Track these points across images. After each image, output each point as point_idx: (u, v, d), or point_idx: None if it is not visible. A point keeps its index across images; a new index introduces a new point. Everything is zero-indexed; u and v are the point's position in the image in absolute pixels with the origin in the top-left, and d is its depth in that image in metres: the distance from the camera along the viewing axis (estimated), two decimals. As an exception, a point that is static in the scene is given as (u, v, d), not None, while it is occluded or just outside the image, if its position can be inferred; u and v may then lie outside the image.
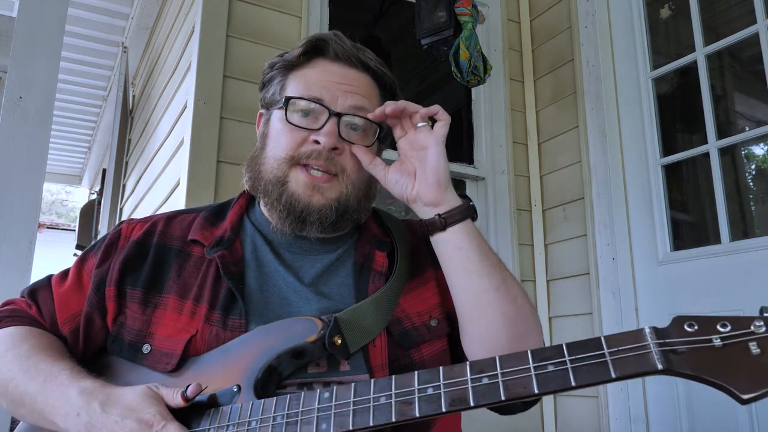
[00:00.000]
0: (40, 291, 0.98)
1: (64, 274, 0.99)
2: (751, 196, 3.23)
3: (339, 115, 0.92)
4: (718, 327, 0.63)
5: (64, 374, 0.82)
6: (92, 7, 3.40)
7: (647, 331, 0.65)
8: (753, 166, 3.36)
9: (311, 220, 0.91)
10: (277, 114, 0.97)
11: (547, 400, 2.42)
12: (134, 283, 0.92)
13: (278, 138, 0.95)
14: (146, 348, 0.87)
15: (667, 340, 0.64)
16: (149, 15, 3.28)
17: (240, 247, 0.97)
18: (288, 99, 0.94)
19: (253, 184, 0.97)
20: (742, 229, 2.96)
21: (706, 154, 2.14)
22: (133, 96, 3.88)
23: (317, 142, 0.91)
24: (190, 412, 0.79)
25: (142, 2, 3.21)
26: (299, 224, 0.92)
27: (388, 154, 1.08)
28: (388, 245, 1.00)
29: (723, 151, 2.15)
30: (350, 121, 0.94)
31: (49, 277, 1.00)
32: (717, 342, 0.62)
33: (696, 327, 0.64)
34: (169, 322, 0.88)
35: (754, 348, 0.61)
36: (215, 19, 2.03)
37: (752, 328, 0.62)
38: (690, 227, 2.69)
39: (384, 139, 1.01)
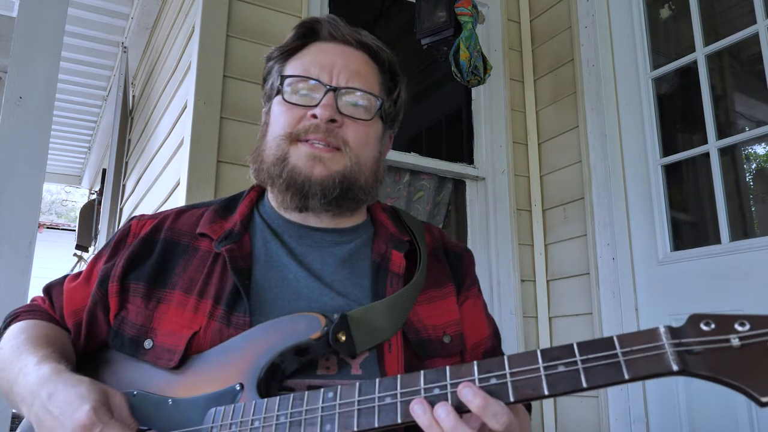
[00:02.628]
0: (54, 287, 1.01)
1: (79, 272, 1.01)
2: (751, 196, 3.23)
3: (335, 90, 0.92)
4: (736, 326, 0.60)
5: (32, 361, 0.81)
6: (92, 7, 3.40)
7: (662, 330, 0.62)
8: (753, 166, 3.36)
9: (313, 191, 0.90)
10: (276, 99, 0.97)
11: (548, 400, 2.42)
12: (138, 278, 0.91)
13: (277, 119, 0.95)
14: (148, 343, 0.86)
15: (682, 340, 0.61)
16: (149, 15, 3.27)
17: (249, 241, 0.95)
18: (283, 78, 0.95)
19: (258, 173, 0.97)
20: (742, 229, 2.95)
21: (706, 154, 2.14)
22: (133, 96, 3.87)
23: (315, 116, 0.90)
24: (191, 410, 0.79)
25: (142, 2, 3.21)
26: (301, 198, 0.91)
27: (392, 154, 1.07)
28: (405, 245, 0.98)
29: (723, 151, 2.15)
30: (349, 99, 0.93)
31: (66, 275, 1.03)
32: (735, 342, 0.59)
33: (713, 326, 0.61)
34: (172, 317, 0.87)
35: None
36: (215, 19, 2.03)
37: None
38: (690, 227, 2.69)
39: (387, 118, 1.00)
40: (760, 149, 3.40)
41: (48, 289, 1.01)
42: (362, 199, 0.96)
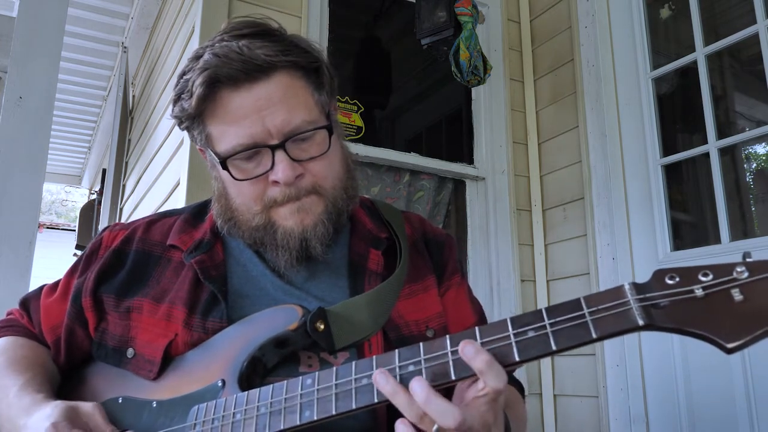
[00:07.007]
0: (31, 301, 1.00)
1: (55, 284, 1.00)
2: (751, 196, 3.23)
3: (282, 145, 0.84)
4: (700, 276, 0.61)
5: (13, 390, 0.83)
6: (92, 7, 3.40)
7: (627, 287, 0.63)
8: (753, 166, 3.36)
9: (312, 244, 0.87)
10: (220, 167, 0.88)
11: (547, 400, 2.42)
12: (109, 290, 0.92)
13: (238, 189, 0.89)
14: (130, 352, 0.87)
15: (647, 295, 0.62)
16: (149, 15, 3.27)
17: (221, 250, 0.94)
18: (225, 163, 0.86)
19: (231, 230, 0.92)
20: (742, 229, 2.95)
21: (706, 154, 2.14)
22: (133, 96, 3.87)
23: (277, 182, 0.85)
24: (175, 410, 0.80)
25: (142, 2, 3.21)
26: (304, 252, 0.88)
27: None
28: (383, 242, 0.97)
29: (723, 151, 2.15)
30: (298, 143, 0.86)
31: (42, 287, 1.01)
32: (699, 292, 0.60)
33: (677, 279, 0.62)
34: (146, 326, 0.87)
35: (737, 295, 0.58)
36: (215, 19, 2.03)
37: (734, 274, 0.59)
38: (690, 227, 2.69)
39: (335, 123, 0.93)
40: (760, 149, 3.40)
41: (25, 303, 1.00)
42: (351, 209, 0.95)
